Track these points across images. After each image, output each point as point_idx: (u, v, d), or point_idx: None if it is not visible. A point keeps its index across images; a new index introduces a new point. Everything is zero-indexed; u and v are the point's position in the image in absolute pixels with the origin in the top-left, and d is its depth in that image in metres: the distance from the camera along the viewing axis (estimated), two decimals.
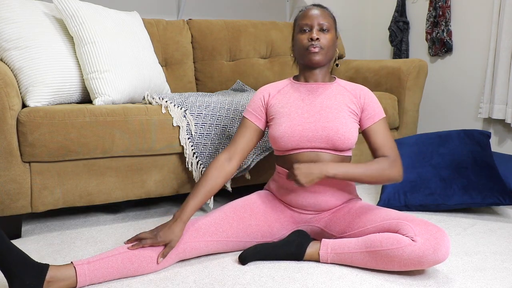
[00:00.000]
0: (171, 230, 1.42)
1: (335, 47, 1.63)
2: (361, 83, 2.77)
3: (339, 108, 1.57)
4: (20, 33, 1.84)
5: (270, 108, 1.63)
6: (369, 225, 1.47)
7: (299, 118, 1.57)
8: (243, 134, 1.63)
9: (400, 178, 1.54)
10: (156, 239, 1.40)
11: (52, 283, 1.27)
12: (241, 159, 1.62)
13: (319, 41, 1.56)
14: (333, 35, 1.60)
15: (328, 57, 1.60)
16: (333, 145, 1.53)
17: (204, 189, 1.52)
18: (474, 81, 3.11)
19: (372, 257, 1.40)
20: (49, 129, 1.66)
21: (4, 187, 1.64)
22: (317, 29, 1.58)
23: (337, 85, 1.64)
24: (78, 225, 1.90)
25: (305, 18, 1.60)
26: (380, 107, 1.62)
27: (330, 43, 1.58)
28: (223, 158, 1.59)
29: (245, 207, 1.59)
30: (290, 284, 1.36)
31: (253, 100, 1.67)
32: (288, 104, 1.60)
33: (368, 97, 1.61)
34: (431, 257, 1.33)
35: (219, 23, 2.76)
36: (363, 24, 3.82)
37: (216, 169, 1.56)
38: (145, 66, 2.15)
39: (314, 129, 1.54)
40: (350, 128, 1.54)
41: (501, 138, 2.97)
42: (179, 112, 1.89)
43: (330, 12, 1.66)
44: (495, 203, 1.92)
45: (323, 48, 1.57)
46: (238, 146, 1.61)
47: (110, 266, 1.35)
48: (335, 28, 1.63)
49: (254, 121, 1.64)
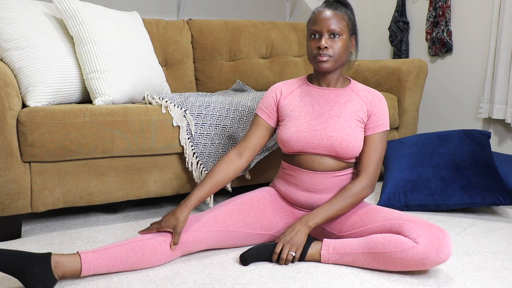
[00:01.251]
0: (175, 216, 1.44)
1: (348, 51, 1.58)
2: (361, 83, 2.77)
3: (347, 117, 1.56)
4: (20, 33, 1.83)
5: (281, 108, 1.64)
6: (371, 225, 1.47)
7: (307, 124, 1.57)
8: (255, 131, 1.64)
9: (370, 192, 1.58)
10: (161, 224, 1.45)
11: (58, 268, 1.30)
12: (251, 155, 1.62)
13: (328, 50, 1.53)
14: (345, 40, 1.55)
15: (338, 63, 1.57)
16: (336, 154, 1.55)
17: (212, 180, 1.54)
18: (474, 81, 3.11)
19: (374, 258, 1.40)
20: (49, 129, 1.66)
21: (4, 187, 1.64)
22: (326, 37, 1.53)
23: (350, 91, 1.62)
24: (78, 225, 1.90)
25: (316, 23, 1.55)
26: (385, 119, 1.59)
27: (341, 49, 1.54)
28: (233, 153, 1.60)
29: (245, 201, 1.62)
30: (290, 284, 1.36)
31: (265, 98, 1.67)
32: (299, 108, 1.60)
33: (378, 106, 1.59)
34: (433, 258, 1.33)
35: (219, 23, 2.76)
36: (363, 24, 3.82)
37: (225, 162, 1.58)
38: (145, 66, 2.15)
39: (319, 137, 1.55)
40: (356, 139, 1.55)
41: (501, 138, 2.97)
42: (179, 112, 1.89)
43: (346, 12, 1.57)
44: (495, 203, 1.92)
45: (332, 56, 1.54)
46: (248, 143, 1.62)
47: (114, 255, 1.37)
48: (350, 30, 1.57)
49: (265, 119, 1.65)
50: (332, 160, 1.56)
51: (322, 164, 1.56)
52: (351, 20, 1.58)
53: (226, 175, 1.56)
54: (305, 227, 1.49)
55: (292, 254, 1.47)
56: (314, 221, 1.50)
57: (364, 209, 1.55)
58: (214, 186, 1.54)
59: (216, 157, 1.95)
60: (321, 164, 1.56)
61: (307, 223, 1.49)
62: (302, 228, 1.49)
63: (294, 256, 1.47)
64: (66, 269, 1.31)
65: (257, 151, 1.64)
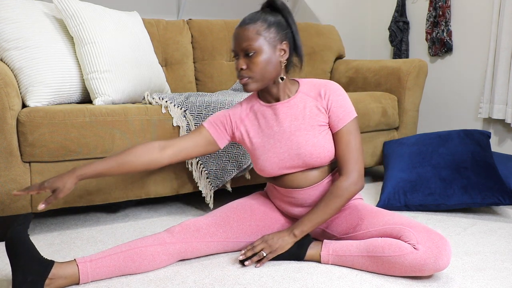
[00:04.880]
0: (61, 178, 1.34)
1: (275, 63, 1.44)
2: (361, 83, 2.78)
3: (308, 127, 1.49)
4: (20, 33, 1.83)
5: (238, 134, 1.56)
6: (371, 228, 1.47)
7: (273, 149, 1.51)
8: (192, 136, 1.53)
9: (360, 188, 1.50)
10: (43, 184, 1.32)
11: (55, 280, 1.29)
12: (176, 156, 1.48)
13: (246, 71, 1.42)
14: (264, 54, 1.40)
15: (266, 80, 1.45)
16: (313, 166, 1.51)
17: (119, 158, 1.41)
18: (474, 81, 3.11)
19: (373, 262, 1.40)
20: (49, 129, 1.66)
21: (4, 187, 1.64)
22: (242, 56, 1.42)
23: (302, 95, 1.52)
24: (78, 225, 1.90)
25: (232, 43, 1.45)
26: (346, 109, 1.49)
27: (261, 67, 1.41)
28: (157, 143, 1.48)
29: (245, 208, 1.59)
30: (290, 284, 1.36)
31: (218, 115, 1.57)
32: (258, 134, 1.53)
33: (332, 99, 1.49)
34: (432, 266, 1.32)
35: (219, 23, 2.76)
36: (363, 24, 3.82)
37: (143, 147, 1.45)
38: (145, 66, 2.15)
39: (289, 158, 1.50)
40: (323, 145, 1.48)
41: (501, 138, 2.97)
42: (179, 112, 1.89)
43: (262, 22, 1.41)
44: (495, 203, 1.92)
45: (253, 77, 1.42)
46: (179, 142, 1.50)
47: (112, 264, 1.37)
48: (273, 40, 1.42)
49: (211, 132, 1.54)
50: (314, 171, 1.52)
51: (307, 179, 1.52)
52: (272, 29, 1.42)
53: (137, 160, 1.42)
54: (290, 236, 1.47)
55: (263, 254, 1.45)
56: (300, 230, 1.47)
57: (365, 211, 1.53)
58: (118, 166, 1.40)
59: (216, 156, 1.95)
60: (307, 179, 1.52)
61: (292, 232, 1.47)
62: (286, 236, 1.47)
63: (265, 256, 1.45)
64: (62, 281, 1.30)
65: (184, 155, 1.50)
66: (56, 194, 1.33)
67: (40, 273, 1.26)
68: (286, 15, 1.47)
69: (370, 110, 2.42)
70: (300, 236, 1.47)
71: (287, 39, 1.46)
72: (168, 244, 1.45)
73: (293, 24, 1.48)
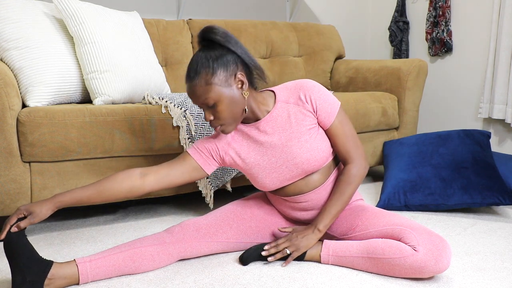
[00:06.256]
0: (39, 205, 1.29)
1: (239, 98, 1.38)
2: (361, 83, 2.78)
3: (298, 134, 1.46)
4: (20, 33, 1.84)
5: (227, 157, 1.51)
6: (372, 229, 1.46)
7: (269, 164, 1.48)
8: (176, 163, 1.47)
9: (367, 169, 1.52)
10: (19, 207, 1.29)
11: (54, 281, 1.29)
12: (157, 184, 1.42)
13: (215, 121, 1.39)
14: (225, 101, 1.35)
15: (237, 118, 1.41)
16: (312, 171, 1.50)
17: (99, 186, 1.36)
18: (474, 81, 3.11)
19: (373, 263, 1.40)
20: (49, 129, 1.66)
21: (4, 187, 1.64)
22: (206, 108, 1.38)
23: (281, 105, 1.47)
24: (78, 225, 1.90)
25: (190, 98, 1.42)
26: (329, 102, 1.46)
27: (226, 112, 1.37)
28: (139, 170, 1.43)
29: (245, 209, 1.59)
30: (290, 284, 1.36)
31: (202, 142, 1.50)
32: (250, 154, 1.49)
33: (313, 97, 1.45)
34: (432, 268, 1.32)
35: (219, 23, 2.75)
36: (363, 24, 3.82)
37: (124, 174, 1.40)
38: (145, 66, 2.15)
39: (288, 170, 1.48)
40: (318, 148, 1.46)
41: (501, 138, 2.97)
42: (179, 112, 1.89)
43: (206, 73, 1.33)
44: (495, 203, 1.92)
45: (224, 123, 1.39)
46: (161, 169, 1.44)
47: (111, 264, 1.37)
48: (227, 82, 1.35)
49: (196, 159, 1.48)
50: (314, 176, 1.51)
51: (309, 184, 1.51)
52: (219, 70, 1.34)
53: (117, 187, 1.37)
54: (314, 233, 1.47)
55: (287, 252, 1.45)
56: (323, 224, 1.47)
57: (366, 212, 1.53)
58: (97, 193, 1.35)
59: None
60: (308, 185, 1.51)
61: (316, 228, 1.47)
62: (311, 233, 1.47)
63: (289, 254, 1.45)
64: (62, 282, 1.30)
65: (167, 182, 1.44)
66: (30, 218, 1.27)
67: (39, 273, 1.26)
68: (224, 43, 1.36)
69: (370, 110, 2.42)
70: (324, 231, 1.48)
71: (237, 68, 1.38)
72: (168, 244, 1.45)
73: (235, 46, 1.38)
